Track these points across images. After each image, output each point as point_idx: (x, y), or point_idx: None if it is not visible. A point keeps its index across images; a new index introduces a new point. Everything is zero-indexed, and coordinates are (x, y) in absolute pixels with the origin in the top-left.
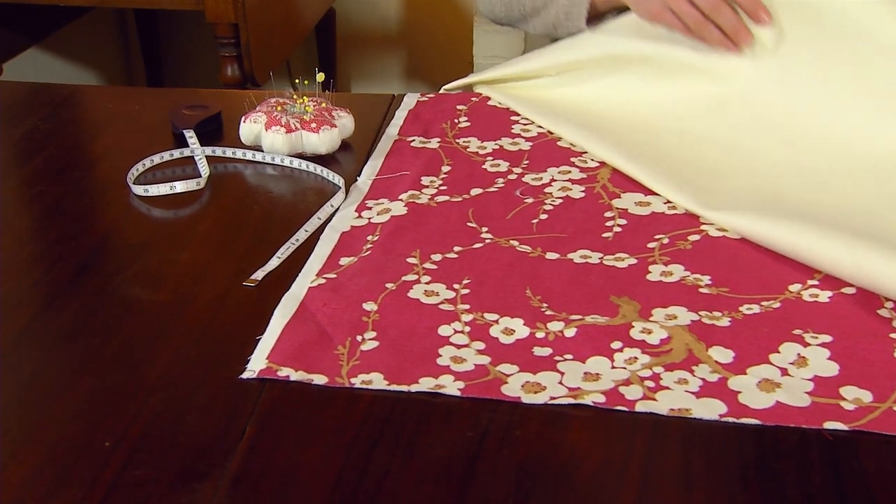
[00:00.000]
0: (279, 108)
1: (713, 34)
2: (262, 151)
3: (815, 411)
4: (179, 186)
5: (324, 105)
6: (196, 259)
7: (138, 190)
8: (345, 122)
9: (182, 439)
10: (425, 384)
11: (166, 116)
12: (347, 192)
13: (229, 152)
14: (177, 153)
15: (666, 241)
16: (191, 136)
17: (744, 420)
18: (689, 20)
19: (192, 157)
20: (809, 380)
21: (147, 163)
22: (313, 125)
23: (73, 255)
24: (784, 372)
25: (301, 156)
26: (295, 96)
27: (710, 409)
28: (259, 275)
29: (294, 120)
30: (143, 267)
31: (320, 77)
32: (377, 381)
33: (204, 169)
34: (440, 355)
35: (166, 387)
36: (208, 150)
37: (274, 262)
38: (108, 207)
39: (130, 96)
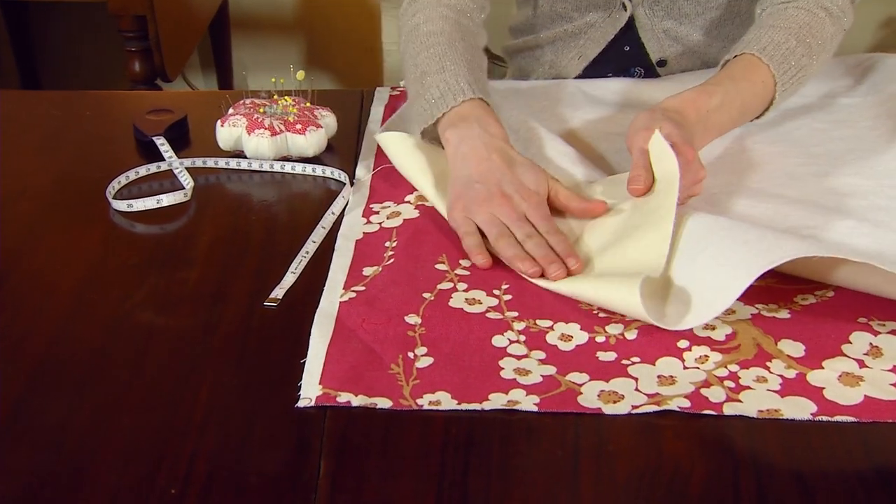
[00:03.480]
0: (260, 111)
1: (533, 249)
2: (245, 157)
3: None
4: (166, 199)
5: (307, 105)
6: (205, 278)
7: (120, 205)
8: (328, 122)
9: (253, 479)
10: (497, 401)
11: (126, 122)
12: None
13: (222, 162)
14: (164, 165)
15: None
16: (162, 143)
17: (838, 418)
18: (495, 230)
19: (171, 166)
20: (889, 371)
21: (131, 175)
22: (298, 126)
23: (69, 280)
24: (861, 364)
25: (287, 159)
26: (276, 97)
27: (801, 409)
28: (279, 293)
29: (278, 122)
30: (150, 289)
31: (300, 75)
32: (445, 400)
33: (187, 179)
34: (502, 368)
35: (217, 421)
36: (199, 162)
37: (290, 279)
38: (91, 225)
39: (72, 101)
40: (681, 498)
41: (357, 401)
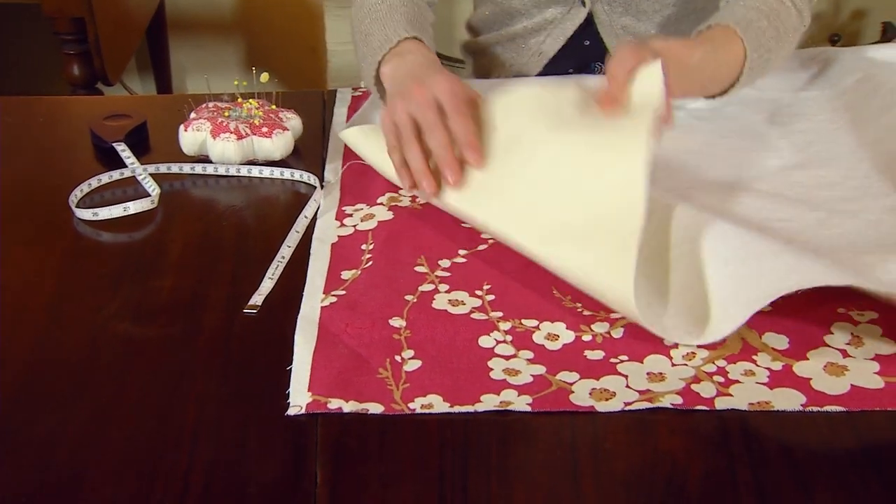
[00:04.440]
0: (225, 114)
1: (413, 160)
2: (210, 162)
3: (892, 392)
4: (133, 207)
5: (273, 107)
6: (181, 286)
7: (85, 214)
8: (294, 124)
9: (251, 489)
10: (489, 402)
11: (82, 129)
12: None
13: (187, 167)
14: (127, 172)
15: None
16: (123, 149)
17: (828, 408)
18: (403, 132)
19: (134, 173)
20: (872, 360)
21: (94, 182)
22: (265, 129)
23: (38, 293)
24: (845, 353)
25: (253, 162)
26: (240, 99)
27: (790, 400)
28: (258, 299)
29: (243, 125)
30: (125, 300)
31: (264, 77)
32: (437, 403)
33: (152, 186)
34: (491, 369)
35: (209, 431)
36: (163, 167)
37: (268, 284)
38: (55, 235)
39: (23, 107)
40: (681, 492)
41: (348, 406)
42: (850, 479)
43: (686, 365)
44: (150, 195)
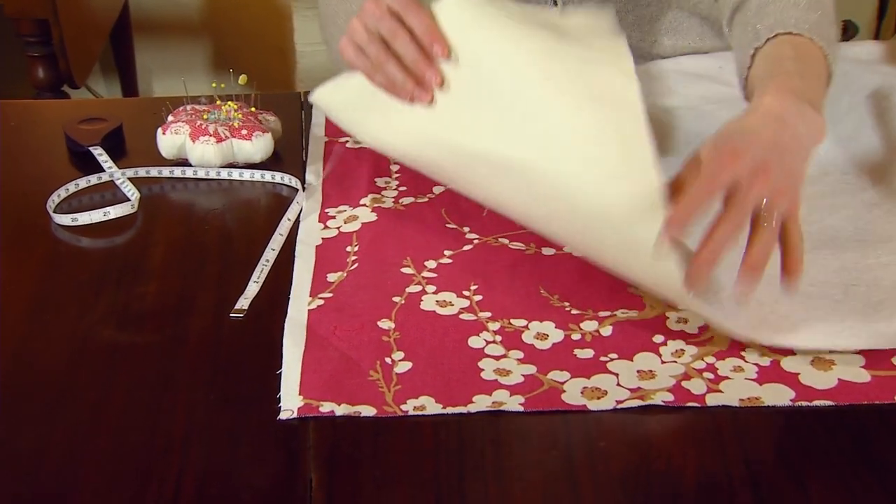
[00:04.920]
0: (204, 117)
1: (392, 73)
2: (189, 165)
3: (878, 386)
4: (113, 212)
5: (253, 109)
6: (165, 291)
7: (64, 219)
8: (274, 127)
9: (246, 496)
10: (482, 403)
11: (56, 132)
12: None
13: (166, 171)
14: (105, 176)
15: None
16: (100, 153)
17: (817, 402)
18: (371, 53)
19: (112, 177)
20: (857, 353)
21: (71, 187)
22: (244, 132)
23: (17, 300)
24: (830, 349)
25: (233, 165)
26: (219, 101)
27: (780, 395)
28: (244, 303)
29: (223, 128)
30: (108, 306)
31: (243, 79)
32: (430, 405)
33: (131, 190)
34: (482, 369)
35: (200, 438)
36: (142, 171)
37: (254, 288)
38: (32, 241)
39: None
40: (678, 489)
41: (340, 410)
42: (843, 472)
43: (675, 362)
44: (129, 199)
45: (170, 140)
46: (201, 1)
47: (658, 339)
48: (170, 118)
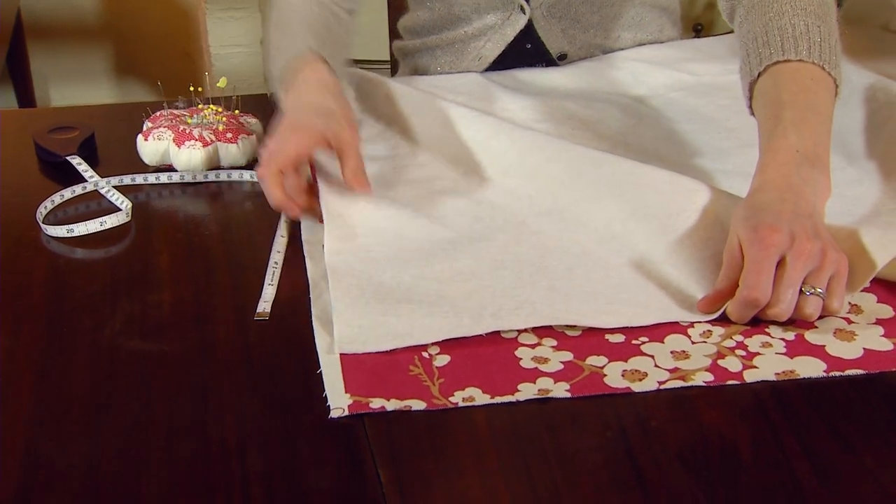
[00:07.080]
0: (188, 121)
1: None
2: (174, 171)
3: None
4: (109, 221)
5: (236, 112)
6: (181, 299)
7: (58, 231)
8: (257, 129)
9: (316, 497)
10: (528, 391)
11: (22, 142)
12: None
13: (152, 178)
14: (90, 186)
15: None
16: (79, 162)
17: (849, 372)
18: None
19: (97, 186)
20: (875, 324)
21: (57, 199)
22: (229, 135)
23: (28, 314)
24: (848, 321)
25: (217, 168)
26: (201, 106)
27: (813, 367)
28: (265, 307)
29: (207, 132)
30: (126, 316)
31: (222, 83)
32: (478, 396)
33: (120, 199)
34: (520, 358)
35: (255, 443)
36: (127, 179)
37: (270, 290)
38: (28, 255)
39: None
40: (737, 464)
41: (391, 405)
42: (888, 436)
43: (706, 342)
44: (119, 208)
45: (152, 146)
46: (98, 4)
47: (683, 322)
48: (148, 124)
